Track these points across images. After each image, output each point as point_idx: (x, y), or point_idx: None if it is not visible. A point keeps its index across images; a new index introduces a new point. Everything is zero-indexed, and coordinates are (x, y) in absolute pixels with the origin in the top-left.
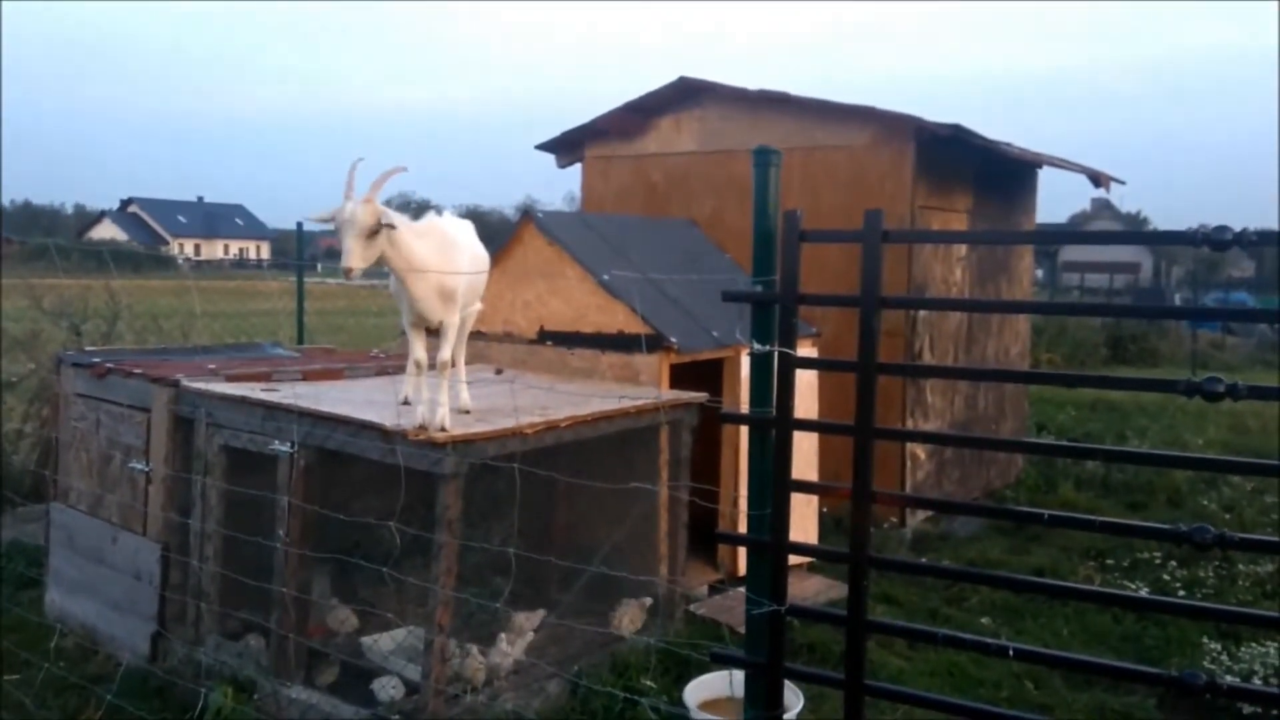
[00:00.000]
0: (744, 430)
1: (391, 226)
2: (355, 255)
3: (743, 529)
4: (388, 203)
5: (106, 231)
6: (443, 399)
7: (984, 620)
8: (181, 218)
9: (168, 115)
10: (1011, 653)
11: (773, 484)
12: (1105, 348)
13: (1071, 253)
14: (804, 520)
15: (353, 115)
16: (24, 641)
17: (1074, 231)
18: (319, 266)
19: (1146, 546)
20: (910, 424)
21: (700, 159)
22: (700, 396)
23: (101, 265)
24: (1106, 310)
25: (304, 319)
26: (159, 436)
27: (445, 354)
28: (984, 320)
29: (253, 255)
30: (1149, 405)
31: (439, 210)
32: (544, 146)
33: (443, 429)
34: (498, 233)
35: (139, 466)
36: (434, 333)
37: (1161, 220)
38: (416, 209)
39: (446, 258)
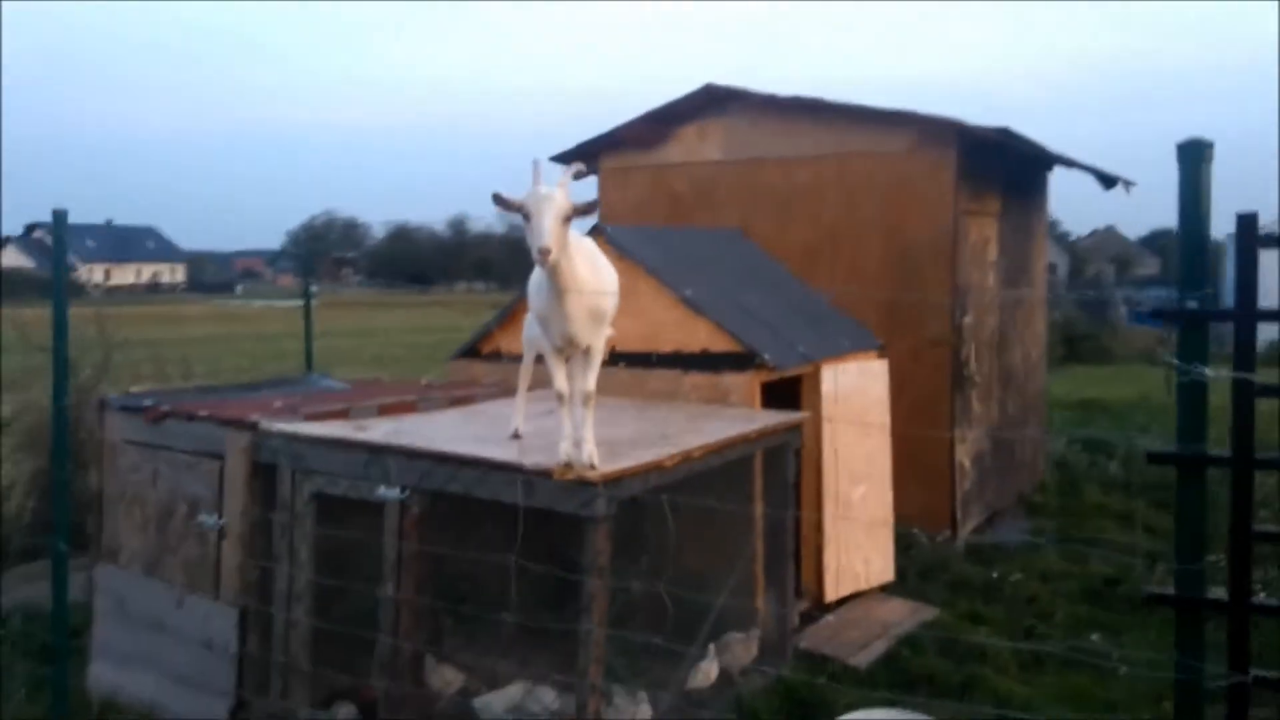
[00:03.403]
0: (828, 453)
1: (587, 212)
2: (554, 235)
3: (830, 555)
4: (312, 220)
5: (10, 259)
6: (589, 434)
7: (1094, 637)
8: (90, 242)
9: (75, 134)
10: None
11: (1231, 535)
12: (1061, 346)
13: None
14: (881, 543)
15: (271, 133)
16: None
17: None
18: (238, 288)
19: (1218, 549)
20: (959, 432)
21: (727, 168)
22: (803, 416)
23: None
24: None
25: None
26: (235, 486)
27: (590, 383)
28: (1011, 325)
29: (166, 279)
30: (1137, 403)
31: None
32: (558, 158)
33: (592, 466)
34: (428, 251)
35: (210, 521)
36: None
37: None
38: (344, 226)
39: (599, 276)
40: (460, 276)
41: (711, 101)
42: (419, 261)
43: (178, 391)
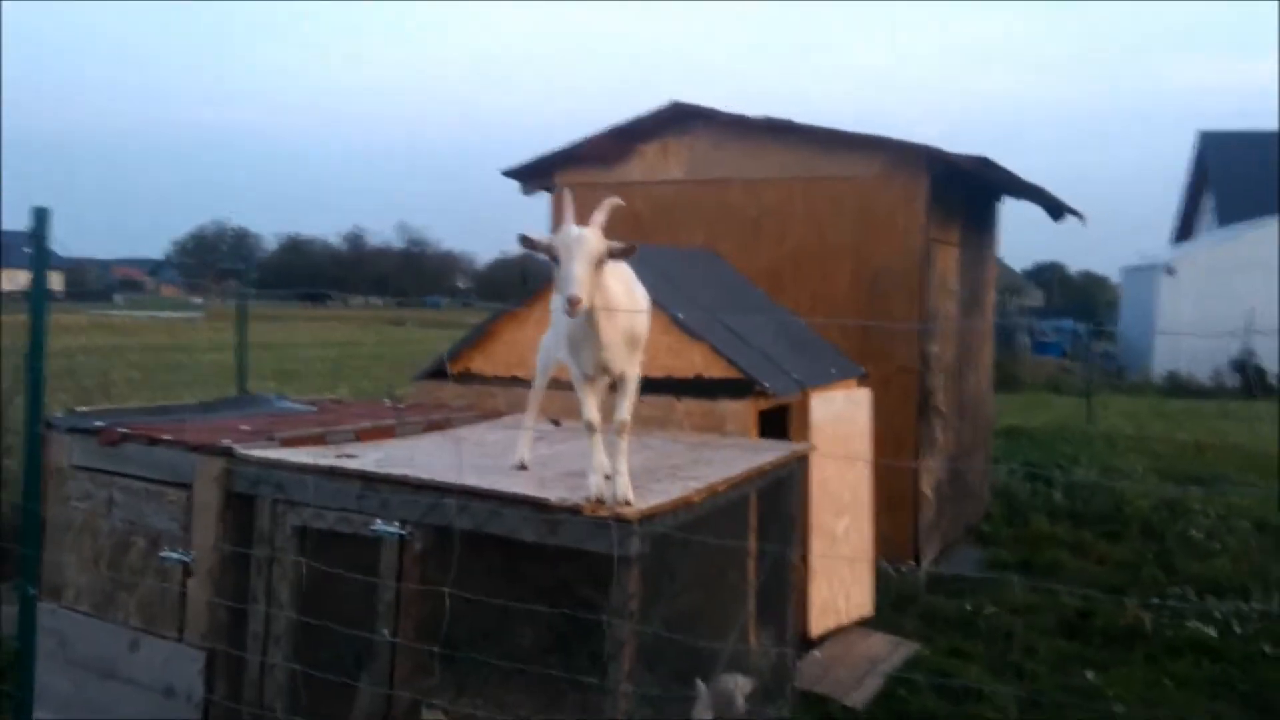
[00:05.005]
0: (815, 483)
1: (625, 255)
2: (584, 284)
3: (815, 589)
4: (201, 229)
5: None
6: (623, 467)
7: (1089, 674)
8: None
9: None
10: None
11: None
12: None
13: None
14: (861, 576)
15: (164, 135)
16: None
17: None
18: (116, 298)
19: (1175, 581)
20: (924, 461)
21: (690, 188)
22: (809, 447)
23: None
24: None
25: (237, 360)
26: (205, 518)
27: (625, 412)
28: (966, 354)
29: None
30: (1057, 430)
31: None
32: (511, 173)
33: (628, 502)
34: (321, 264)
35: (175, 556)
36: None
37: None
38: (235, 236)
39: (634, 298)
40: (356, 290)
41: (675, 119)
42: (313, 274)
43: (128, 411)
